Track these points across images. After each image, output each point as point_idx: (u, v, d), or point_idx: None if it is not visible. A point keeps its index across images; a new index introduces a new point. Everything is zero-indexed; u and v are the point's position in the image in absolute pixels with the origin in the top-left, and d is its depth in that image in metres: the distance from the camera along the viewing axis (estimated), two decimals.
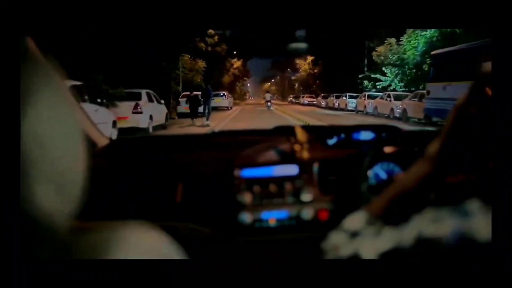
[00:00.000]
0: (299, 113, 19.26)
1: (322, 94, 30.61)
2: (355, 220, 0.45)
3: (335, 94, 25.85)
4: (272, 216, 1.12)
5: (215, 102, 24.30)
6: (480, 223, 0.33)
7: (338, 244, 0.43)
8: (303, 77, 44.64)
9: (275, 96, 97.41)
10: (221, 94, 23.77)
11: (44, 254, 0.27)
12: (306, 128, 1.30)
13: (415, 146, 1.17)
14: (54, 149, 0.26)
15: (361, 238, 0.41)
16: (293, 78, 57.50)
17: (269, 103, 24.84)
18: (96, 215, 0.52)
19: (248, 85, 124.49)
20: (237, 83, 50.14)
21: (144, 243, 0.32)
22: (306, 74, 42.90)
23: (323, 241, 0.47)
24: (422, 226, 0.36)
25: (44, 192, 0.25)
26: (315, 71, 38.14)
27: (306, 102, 35.71)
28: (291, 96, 54.67)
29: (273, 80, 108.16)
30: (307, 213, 1.12)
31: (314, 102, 34.73)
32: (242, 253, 1.08)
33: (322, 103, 28.98)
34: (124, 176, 1.12)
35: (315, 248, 0.52)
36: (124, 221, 0.33)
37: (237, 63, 41.86)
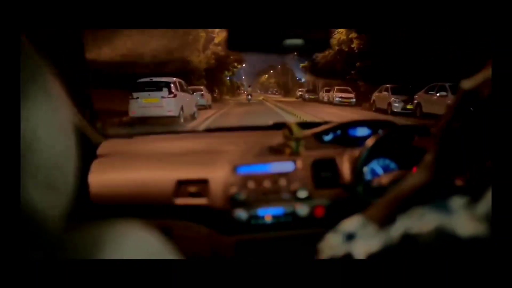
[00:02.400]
0: None
1: (390, 85, 14.57)
2: (351, 222, 0.49)
3: (448, 84, 9.89)
4: (268, 213, 1.13)
5: (143, 103, 9.64)
6: (463, 220, 0.35)
7: (333, 244, 0.47)
8: (326, 59, 28.63)
9: (275, 90, 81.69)
10: (162, 82, 10.00)
11: (36, 254, 0.27)
12: (302, 124, 1.32)
13: (411, 141, 1.18)
14: (45, 146, 0.26)
15: (355, 240, 0.45)
16: (302, 65, 41.22)
17: (249, 96, 28.69)
18: (91, 213, 0.49)
19: (243, 77, 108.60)
20: (226, 71, 34.25)
21: (137, 242, 0.32)
22: (333, 54, 26.85)
23: (319, 239, 0.52)
24: (409, 224, 0.38)
25: (35, 190, 0.25)
26: (353, 46, 22.09)
27: (338, 99, 19.52)
28: (301, 90, 39.05)
29: (271, 71, 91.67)
30: (303, 210, 1.14)
31: (352, 101, 18.67)
32: (238, 250, 1.08)
33: (395, 104, 14.90)
34: (118, 173, 1.12)
35: (311, 245, 0.55)
36: (117, 219, 0.33)
37: (219, 36, 25.77)
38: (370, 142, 1.16)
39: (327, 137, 1.30)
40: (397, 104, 14.02)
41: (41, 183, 0.26)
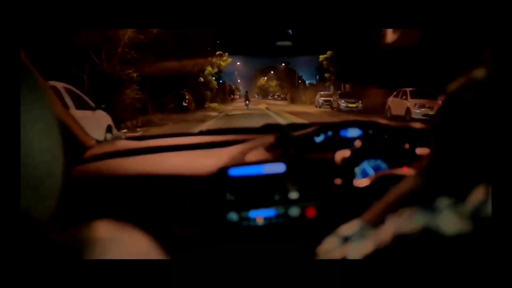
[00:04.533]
0: None
1: None
2: (348, 227, 0.53)
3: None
4: (259, 215, 1.19)
5: None
6: (449, 220, 0.37)
7: (329, 248, 0.51)
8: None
9: (277, 95, 68.50)
10: None
11: (24, 255, 0.27)
12: (293, 126, 1.47)
13: (402, 142, 1.27)
14: (35, 148, 0.27)
15: (350, 243, 0.49)
16: (322, 57, 27.49)
17: (247, 101, 29.06)
18: (82, 216, 0.58)
19: (239, 80, 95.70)
20: (209, 67, 20.39)
21: (128, 243, 0.33)
22: None
23: (311, 240, 0.56)
24: (398, 224, 0.41)
25: (24, 192, 0.26)
26: None
27: None
28: (325, 94, 26.81)
29: (272, 72, 78.12)
30: (295, 211, 1.20)
31: None
32: (229, 252, 1.16)
33: None
34: (110, 177, 1.20)
35: (303, 246, 0.55)
36: (107, 220, 0.35)
37: None
38: (360, 143, 1.25)
39: (319, 138, 1.36)
40: None
41: (30, 184, 0.27)
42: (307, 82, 58.12)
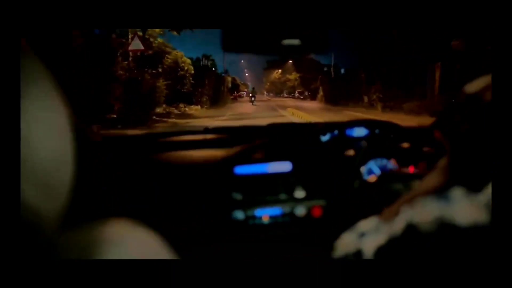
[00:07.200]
0: None
1: None
2: (366, 223, 0.56)
3: None
4: (265, 213, 1.23)
5: None
6: (463, 210, 0.38)
7: (347, 242, 0.54)
8: None
9: (298, 91, 50.73)
10: None
11: (33, 254, 0.28)
12: (300, 124, 1.56)
13: (408, 142, 1.32)
14: (42, 148, 0.28)
15: (366, 237, 0.52)
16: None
17: (253, 98, 29.22)
18: (86, 213, 0.60)
19: (246, 74, 78.60)
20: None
21: (134, 242, 0.33)
22: None
23: (316, 239, 0.65)
24: (411, 214, 0.42)
25: (32, 190, 0.27)
26: None
27: None
28: None
29: (290, 62, 60.26)
30: (301, 210, 1.24)
31: None
32: (236, 251, 1.20)
33: None
34: (115, 173, 1.24)
35: (309, 245, 0.62)
36: (114, 219, 0.36)
37: None
38: (366, 142, 1.28)
39: (325, 137, 1.38)
40: None
41: (38, 183, 0.27)
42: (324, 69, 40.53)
